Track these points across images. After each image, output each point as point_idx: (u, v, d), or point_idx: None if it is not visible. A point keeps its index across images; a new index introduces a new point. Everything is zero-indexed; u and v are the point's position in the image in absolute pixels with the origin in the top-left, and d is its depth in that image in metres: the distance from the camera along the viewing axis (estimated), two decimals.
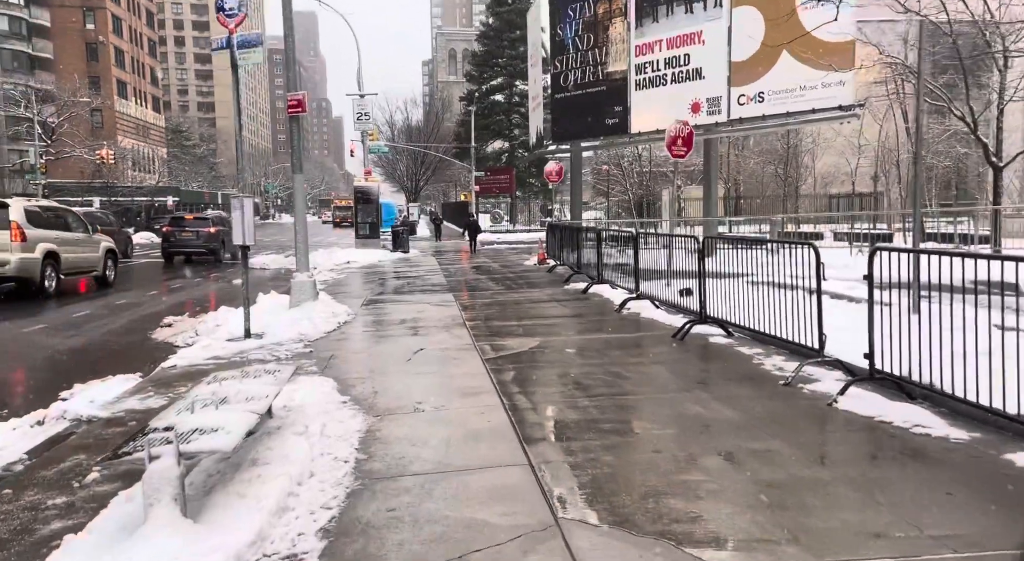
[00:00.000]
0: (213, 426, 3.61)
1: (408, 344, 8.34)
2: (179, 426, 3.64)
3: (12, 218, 13.34)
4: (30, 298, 14.41)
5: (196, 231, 24.43)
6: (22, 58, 56.14)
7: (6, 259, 13.14)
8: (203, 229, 24.52)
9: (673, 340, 8.01)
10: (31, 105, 46.38)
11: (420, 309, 11.36)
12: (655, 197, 47.07)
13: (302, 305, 10.75)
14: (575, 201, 23.35)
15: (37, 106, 47.10)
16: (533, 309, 11.16)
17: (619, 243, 13.29)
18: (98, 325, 10.81)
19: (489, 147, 55.36)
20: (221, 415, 3.82)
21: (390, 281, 16.41)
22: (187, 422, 3.70)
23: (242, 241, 8.73)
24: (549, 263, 18.94)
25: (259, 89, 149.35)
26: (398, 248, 25.82)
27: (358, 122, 28.31)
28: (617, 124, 20.45)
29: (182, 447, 3.34)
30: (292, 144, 10.88)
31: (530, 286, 14.45)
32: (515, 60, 51.93)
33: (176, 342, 9.40)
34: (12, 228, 13.25)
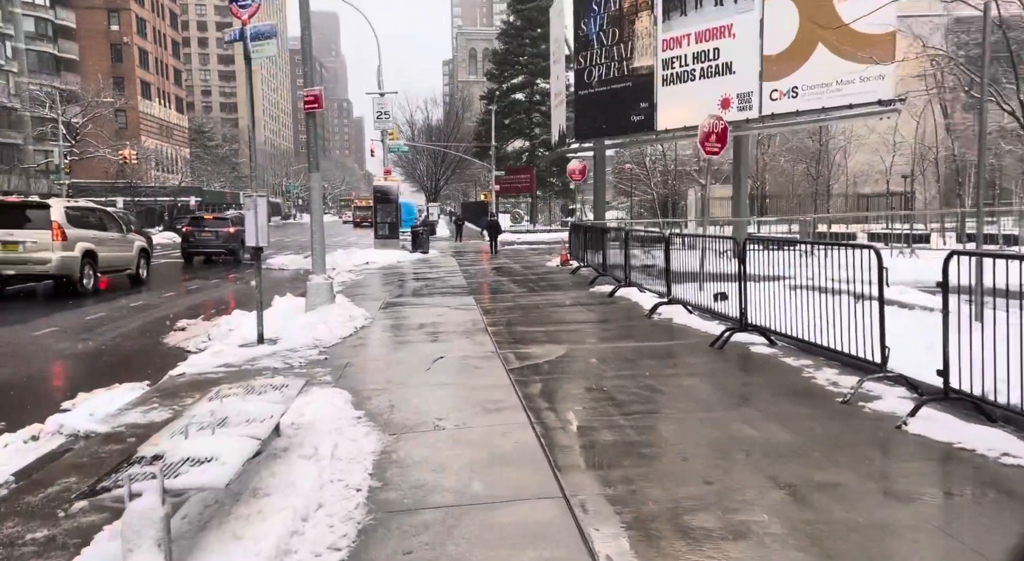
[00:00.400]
0: (206, 455, 3.17)
1: (427, 351, 7.89)
2: (169, 455, 3.20)
3: (53, 218, 13.71)
4: (44, 299, 14.21)
5: (215, 231, 24.26)
6: (48, 59, 56.74)
7: (48, 258, 13.52)
8: (222, 229, 24.36)
9: (711, 349, 7.47)
10: (55, 106, 46.77)
11: (440, 313, 10.92)
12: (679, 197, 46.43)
13: (318, 308, 10.36)
14: (598, 200, 22.81)
15: (61, 107, 47.50)
16: (558, 314, 10.66)
17: (647, 244, 12.74)
18: (111, 328, 10.50)
19: (509, 146, 54.88)
20: (217, 441, 3.38)
21: (409, 283, 16.00)
22: (178, 450, 3.26)
23: (255, 242, 8.34)
24: (572, 264, 18.42)
25: (280, 89, 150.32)
26: (417, 248, 25.45)
27: (378, 121, 27.98)
28: (643, 121, 19.88)
29: (168, 482, 2.90)
30: (309, 142, 10.49)
31: (553, 289, 13.96)
32: (536, 58, 51.39)
33: (188, 347, 9.04)
34: (53, 228, 13.63)
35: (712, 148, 11.33)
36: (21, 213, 13.96)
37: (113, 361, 8.43)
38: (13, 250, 13.48)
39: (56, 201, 14.76)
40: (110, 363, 8.32)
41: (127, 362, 8.39)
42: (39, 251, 13.48)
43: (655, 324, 9.29)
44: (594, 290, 13.11)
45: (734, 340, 7.57)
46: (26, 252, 13.47)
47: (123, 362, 8.40)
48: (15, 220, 13.74)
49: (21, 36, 55.10)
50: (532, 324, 9.66)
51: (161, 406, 5.91)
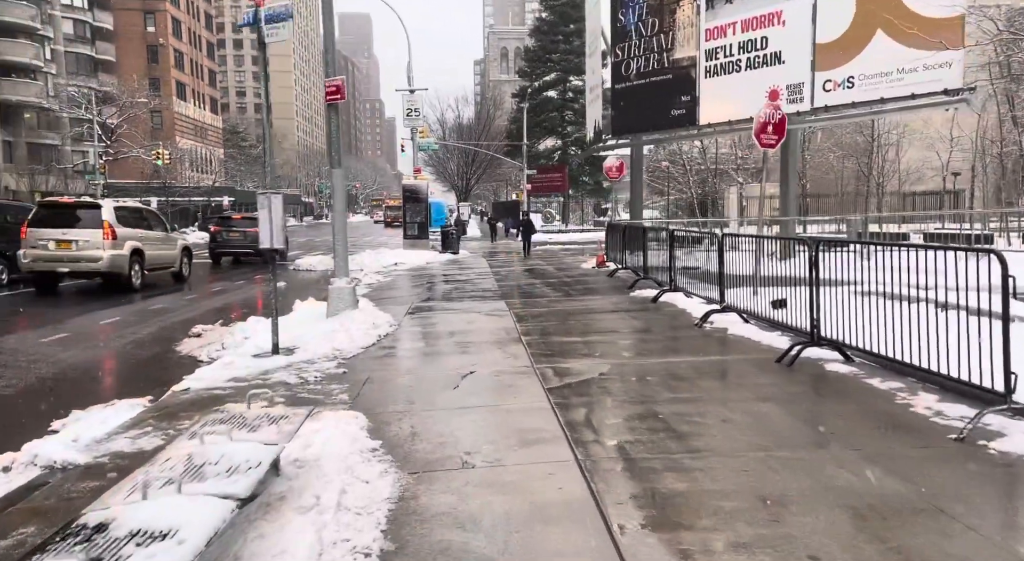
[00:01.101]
0: (164, 527, 2.42)
1: (455, 365, 7.11)
2: (116, 524, 2.45)
3: (104, 218, 14.25)
4: (61, 300, 13.81)
5: (243, 231, 23.90)
6: (85, 61, 57.49)
7: (98, 256, 14.05)
8: (250, 229, 23.96)
9: (779, 366, 6.55)
10: (90, 106, 47.23)
11: (470, 320, 10.14)
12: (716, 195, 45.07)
13: (340, 314, 9.66)
14: (635, 199, 21.84)
15: (97, 107, 47.96)
16: (598, 321, 9.80)
17: (692, 245, 11.81)
18: (124, 334, 9.94)
19: (541, 145, 54.02)
20: (182, 504, 2.62)
21: (438, 286, 15.27)
22: (130, 518, 2.51)
23: (270, 244, 7.64)
24: (609, 266, 17.51)
25: (313, 90, 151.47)
26: (447, 249, 24.76)
27: (407, 119, 27.38)
28: (684, 115, 18.87)
29: None
30: (330, 136, 9.80)
31: (590, 293, 13.09)
32: (569, 55, 50.49)
33: (200, 356, 8.40)
34: (104, 227, 14.14)
35: (768, 140, 10.35)
36: (74, 213, 14.55)
37: (120, 371, 7.83)
38: (67, 249, 14.08)
39: (107, 201, 15.34)
40: (116, 374, 7.72)
41: (134, 373, 7.77)
42: (91, 249, 14.02)
43: (708, 335, 8.38)
44: (635, 294, 12.21)
45: (805, 356, 6.63)
46: (78, 250, 14.03)
47: (130, 373, 7.78)
48: (68, 220, 14.33)
49: (60, 38, 55.91)
50: (570, 333, 8.82)
51: (155, 430, 5.21)
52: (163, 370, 7.84)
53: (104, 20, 60.90)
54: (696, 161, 32.89)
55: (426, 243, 24.96)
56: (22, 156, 50.04)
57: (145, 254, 15.24)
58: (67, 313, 12.03)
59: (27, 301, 14.17)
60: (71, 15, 57.15)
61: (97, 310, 12.27)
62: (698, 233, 11.09)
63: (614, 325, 9.36)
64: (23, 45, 49.40)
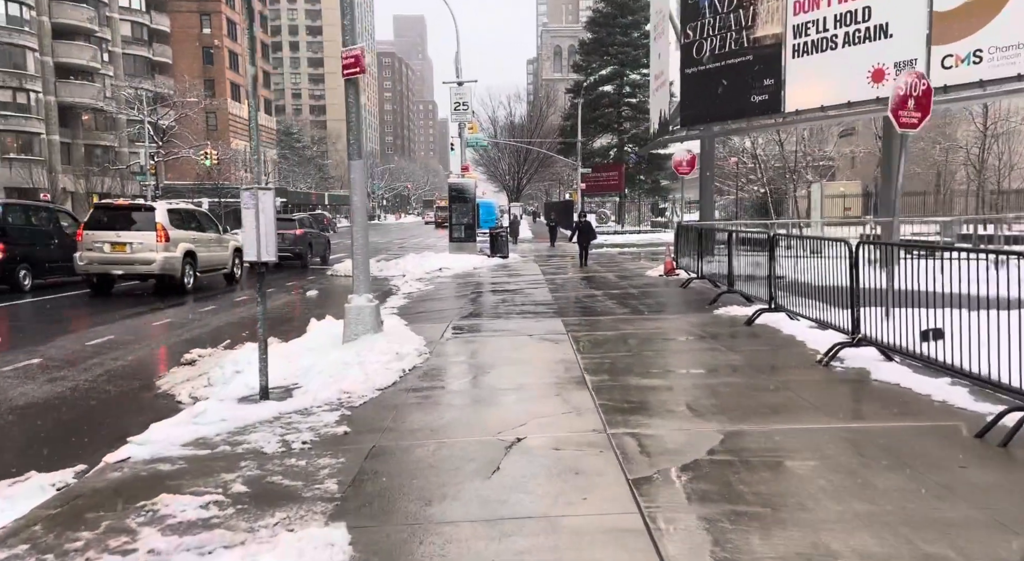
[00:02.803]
0: None
1: (497, 422, 5.15)
2: None
3: (158, 220, 14.25)
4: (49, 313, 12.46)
5: (281, 234, 22.65)
6: (142, 63, 57.99)
7: (152, 258, 14.07)
8: (288, 231, 22.83)
9: (981, 444, 4.36)
10: (141, 107, 47.28)
11: (519, 346, 8.17)
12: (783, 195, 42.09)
13: (359, 340, 7.84)
14: (706, 198, 19.50)
15: (149, 107, 47.99)
16: (682, 352, 7.68)
17: (788, 251, 9.54)
18: (104, 360, 8.33)
19: (596, 142, 51.69)
20: None
21: (485, 296, 13.36)
22: None
23: (257, 256, 5.82)
24: (679, 275, 15.29)
25: (367, 91, 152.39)
26: (496, 253, 22.86)
27: (455, 113, 25.64)
28: (766, 101, 16.47)
29: None
30: (349, 118, 7.96)
31: (664, 310, 10.95)
32: (627, 47, 48.08)
33: (179, 396, 6.69)
34: (157, 229, 14.15)
35: (909, 119, 8.04)
36: (128, 215, 14.61)
37: (69, 418, 6.14)
38: (121, 251, 14.16)
39: (160, 203, 15.57)
40: (63, 422, 6.03)
41: (86, 421, 6.08)
42: (144, 252, 14.07)
43: (844, 380, 6.17)
44: (720, 313, 10.01)
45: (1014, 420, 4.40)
46: (133, 253, 14.10)
47: (81, 420, 6.09)
48: (123, 222, 14.39)
49: (118, 40, 56.50)
50: (650, 371, 6.74)
51: (32, 552, 3.40)
52: (127, 415, 6.14)
53: (161, 22, 61.47)
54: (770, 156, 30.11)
55: (473, 246, 23.13)
56: (80, 157, 50.58)
57: (197, 256, 15.24)
58: (53, 329, 10.59)
59: (49, 308, 12.92)
60: (129, 17, 57.74)
61: (99, 324, 10.80)
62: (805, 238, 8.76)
63: (705, 358, 7.23)
64: (81, 47, 49.91)
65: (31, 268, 15.20)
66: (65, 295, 14.86)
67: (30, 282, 15.12)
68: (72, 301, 14.15)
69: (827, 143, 37.95)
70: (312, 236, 23.71)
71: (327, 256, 24.45)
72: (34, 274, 15.32)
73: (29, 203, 19.92)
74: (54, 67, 48.07)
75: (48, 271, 15.88)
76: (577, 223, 18.95)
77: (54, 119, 48.03)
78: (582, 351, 7.71)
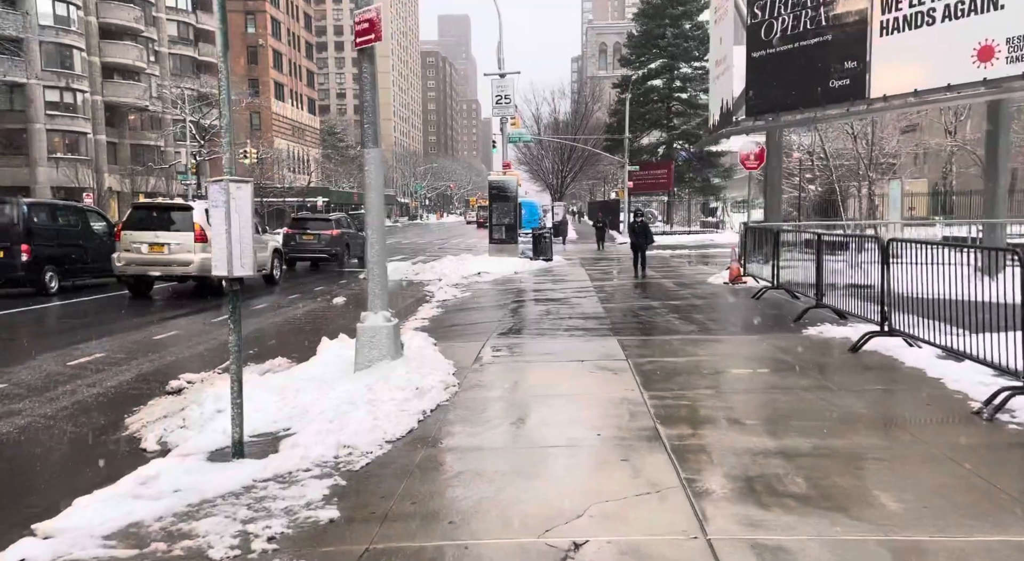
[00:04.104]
0: None
1: (542, 512, 3.63)
2: None
3: (195, 220, 13.77)
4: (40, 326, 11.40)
5: (318, 234, 21.81)
6: (188, 62, 58.21)
7: (189, 259, 13.58)
8: (325, 232, 21.92)
9: None
10: (183, 106, 47.20)
11: (568, 376, 6.64)
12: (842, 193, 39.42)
13: (373, 368, 6.41)
14: (773, 196, 17.58)
15: (191, 106, 47.91)
16: (783, 392, 5.98)
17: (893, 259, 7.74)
18: (79, 386, 7.09)
19: (644, 139, 49.64)
20: None
21: (526, 307, 11.84)
22: None
23: (227, 269, 4.41)
24: (746, 282, 13.54)
25: (410, 90, 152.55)
26: (539, 255, 21.33)
27: (497, 107, 24.17)
28: (847, 87, 14.51)
29: None
30: (363, 97, 6.52)
31: (740, 327, 9.26)
32: (678, 39, 45.98)
33: (145, 440, 5.40)
34: (195, 229, 13.66)
35: None
36: (166, 215, 14.19)
37: (7, 471, 4.86)
38: (159, 252, 13.72)
39: (198, 203, 14.89)
40: None
41: (13, 481, 4.78)
42: (182, 253, 13.64)
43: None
44: (812, 334, 8.29)
45: None
46: (170, 254, 13.67)
47: (6, 481, 4.80)
48: (161, 222, 13.98)
49: (164, 40, 56.80)
50: (745, 422, 5.11)
51: None
52: (71, 471, 4.85)
53: (207, 22, 61.60)
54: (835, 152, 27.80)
55: (515, 248, 21.64)
56: (126, 157, 50.87)
57: None
58: (41, 344, 9.47)
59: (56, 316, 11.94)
60: (175, 17, 58.01)
61: (99, 336, 9.66)
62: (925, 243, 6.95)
63: (816, 404, 5.55)
64: (127, 47, 50.16)
65: (58, 270, 14.66)
66: (90, 299, 14.16)
67: (56, 284, 14.58)
68: (89, 306, 13.27)
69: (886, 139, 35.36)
70: (349, 236, 22.77)
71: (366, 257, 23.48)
72: (61, 276, 14.80)
73: (56, 202, 19.34)
74: (101, 67, 48.38)
75: (76, 273, 15.39)
76: (631, 224, 16.80)
77: (101, 119, 48.34)
78: (648, 386, 6.12)
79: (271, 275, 16.99)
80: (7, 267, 13.71)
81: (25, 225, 14.12)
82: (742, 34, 17.12)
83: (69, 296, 14.35)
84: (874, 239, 7.41)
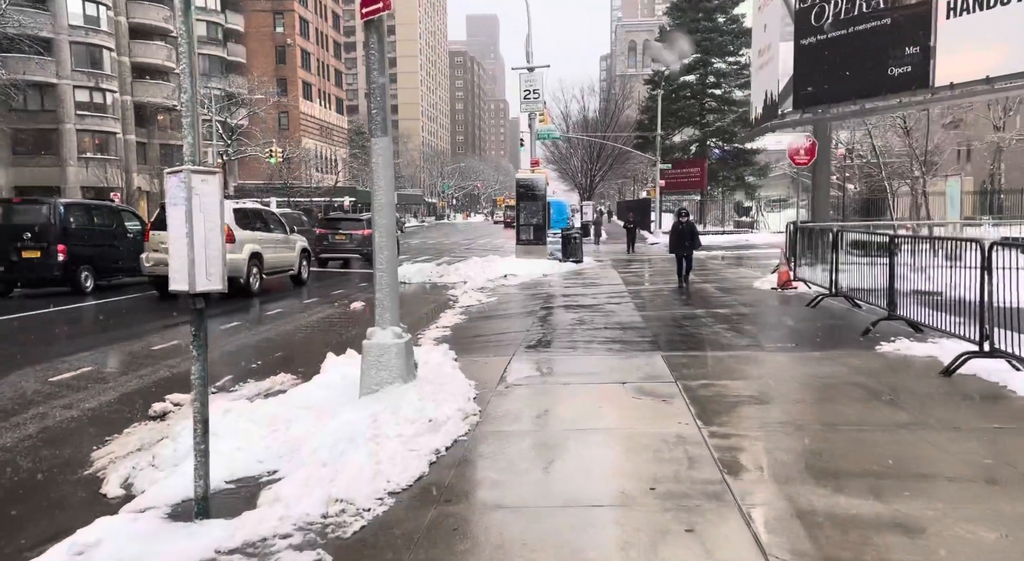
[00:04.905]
0: None
1: None
2: None
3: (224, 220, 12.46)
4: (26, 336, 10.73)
5: (349, 234, 21.74)
6: (216, 62, 58.27)
7: None
8: (356, 231, 21.88)
9: None
10: (210, 106, 47.07)
11: (608, 403, 5.66)
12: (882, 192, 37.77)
13: (381, 393, 5.51)
14: (821, 194, 16.35)
15: (218, 105, 47.78)
16: (878, 433, 4.87)
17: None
18: (52, 408, 6.31)
19: (676, 136, 48.24)
20: None
21: (557, 315, 10.86)
22: None
23: (188, 284, 3.51)
24: (797, 288, 12.40)
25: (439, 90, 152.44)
26: (569, 257, 20.34)
27: (525, 102, 23.20)
28: (908, 75, 13.26)
29: None
30: (370, 78, 5.62)
31: (802, 343, 8.17)
32: (712, 33, 44.54)
33: (107, 481, 4.57)
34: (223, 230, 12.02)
35: None
36: None
37: None
38: None
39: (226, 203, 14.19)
40: None
41: None
42: None
43: None
44: (888, 351, 7.18)
45: None
46: None
47: None
48: None
49: None
50: (842, 477, 4.06)
51: None
52: (4, 530, 3.99)
53: (235, 22, 61.73)
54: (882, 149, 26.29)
55: (543, 249, 20.66)
56: (154, 157, 50.98)
57: (264, 257, 14.63)
58: (32, 353, 8.75)
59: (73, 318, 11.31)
60: (204, 17, 58.08)
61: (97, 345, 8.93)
62: None
63: (918, 445, 4.50)
64: (157, 46, 50.27)
65: (93, 269, 14.83)
66: (121, 298, 14.04)
67: (92, 284, 14.75)
68: (112, 308, 13.00)
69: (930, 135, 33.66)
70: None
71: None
72: (96, 276, 14.94)
73: (92, 203, 19.32)
74: (130, 67, 48.51)
75: (111, 272, 15.55)
76: (676, 226, 14.87)
77: (130, 119, 48.46)
78: (706, 419, 5.12)
79: (299, 275, 16.69)
80: (44, 267, 13.98)
81: (61, 225, 14.33)
82: (789, 20, 15.94)
83: (105, 295, 14.44)
84: (973, 242, 6.30)
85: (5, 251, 13.88)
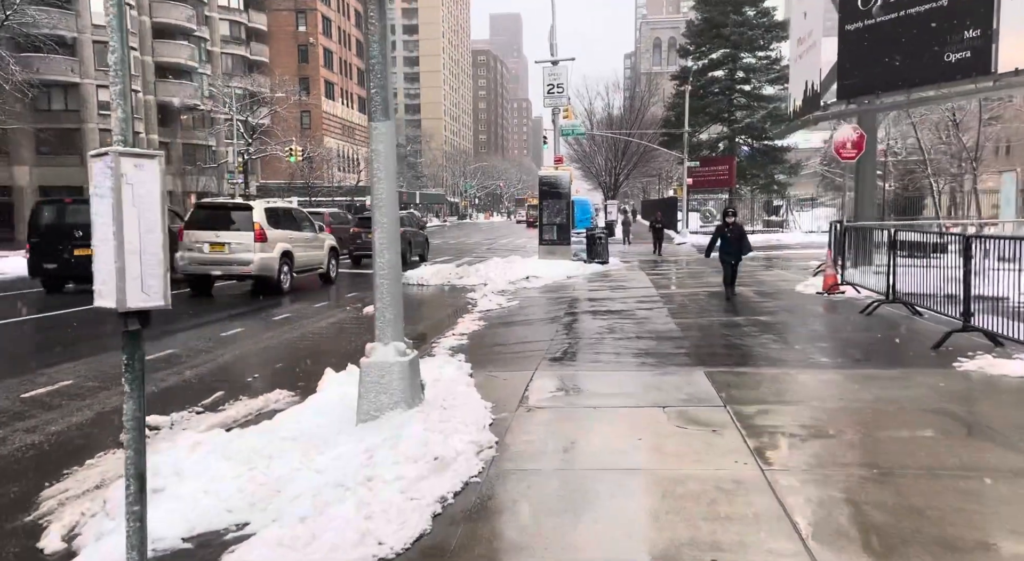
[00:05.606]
0: None
1: None
2: None
3: (255, 219, 13.78)
4: None
5: None
6: (239, 62, 58.16)
7: (249, 259, 13.52)
8: None
9: None
10: (230, 105, 46.85)
11: (646, 433, 4.79)
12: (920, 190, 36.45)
13: (381, 420, 4.71)
14: (866, 191, 15.26)
15: (240, 103, 47.56)
16: (993, 484, 3.94)
17: None
18: (13, 432, 5.60)
19: (703, 133, 46.96)
20: None
21: (582, 321, 9.99)
22: None
23: (115, 297, 2.72)
24: (844, 293, 11.40)
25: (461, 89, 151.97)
26: (594, 258, 19.44)
27: (548, 96, 22.31)
28: (967, 61, 12.18)
29: None
30: (370, 55, 4.81)
31: (866, 357, 7.20)
32: (741, 27, 43.18)
33: (49, 532, 3.79)
34: (255, 229, 13.64)
35: None
36: (227, 215, 14.12)
37: None
38: (220, 251, 13.64)
39: (257, 202, 15.02)
40: None
41: None
42: (241, 252, 13.57)
43: None
44: (969, 368, 6.21)
45: None
46: (231, 253, 13.60)
47: None
48: (222, 222, 13.91)
49: (216, 40, 56.87)
50: (957, 551, 3.18)
51: None
52: None
53: (258, 21, 61.65)
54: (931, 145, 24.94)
55: (567, 250, 19.77)
56: (178, 156, 50.94)
57: (294, 256, 14.68)
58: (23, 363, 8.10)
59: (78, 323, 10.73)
60: (228, 17, 58.03)
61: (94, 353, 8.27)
62: None
63: None
64: (179, 46, 50.19)
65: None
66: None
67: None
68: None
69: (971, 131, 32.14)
70: (411, 234, 22.50)
71: (426, 254, 24.11)
72: None
73: None
74: (154, 66, 48.50)
75: None
76: (721, 228, 12.19)
77: (153, 118, 48.46)
78: (768, 458, 4.22)
79: (327, 273, 16.66)
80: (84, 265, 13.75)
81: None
82: (832, 5, 14.88)
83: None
84: None
85: (59, 249, 14.12)
